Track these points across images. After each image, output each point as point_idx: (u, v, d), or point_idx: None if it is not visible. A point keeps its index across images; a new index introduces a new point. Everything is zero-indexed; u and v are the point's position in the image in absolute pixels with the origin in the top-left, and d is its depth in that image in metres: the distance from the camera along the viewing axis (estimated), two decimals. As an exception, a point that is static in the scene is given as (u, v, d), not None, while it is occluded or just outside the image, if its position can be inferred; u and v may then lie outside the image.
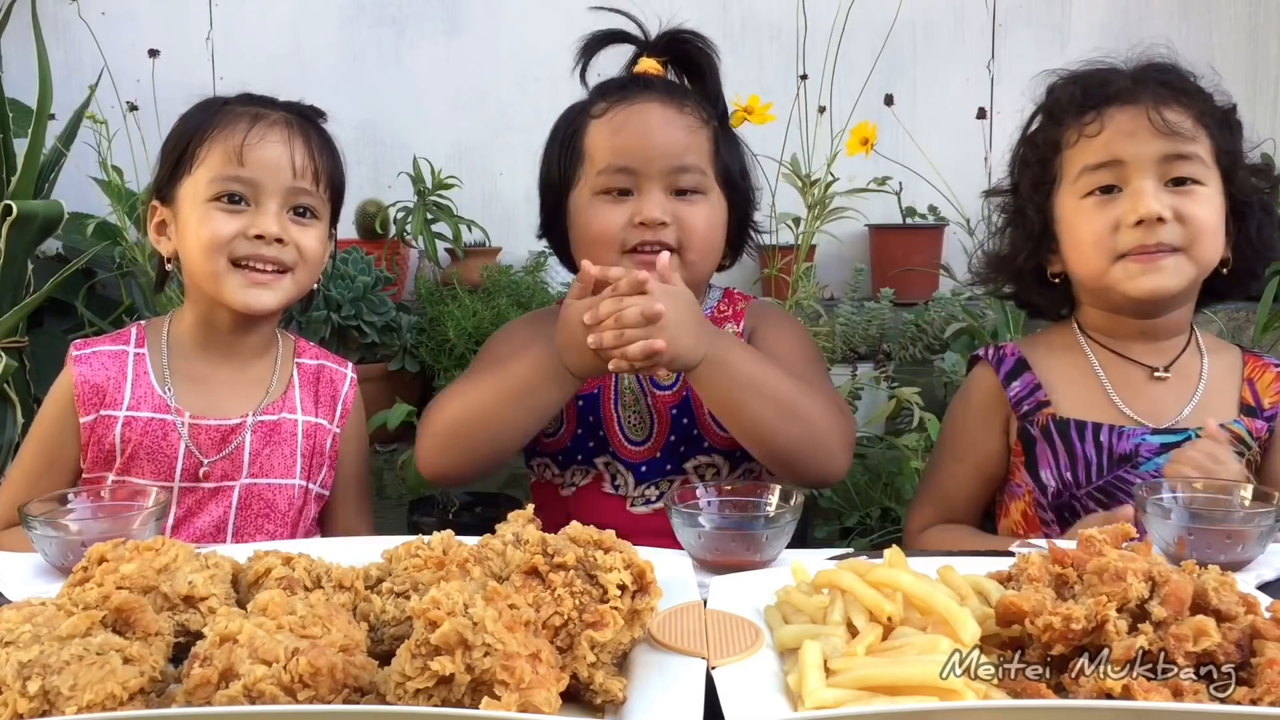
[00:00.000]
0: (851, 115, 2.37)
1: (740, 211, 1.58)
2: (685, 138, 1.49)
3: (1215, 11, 3.16)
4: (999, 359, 1.52)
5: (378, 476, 2.67)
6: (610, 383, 1.55)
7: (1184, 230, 1.36)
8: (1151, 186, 1.35)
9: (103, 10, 3.15)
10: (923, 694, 0.74)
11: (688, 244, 1.48)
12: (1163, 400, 1.44)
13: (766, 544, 1.11)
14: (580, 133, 1.54)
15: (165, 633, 0.86)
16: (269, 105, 1.54)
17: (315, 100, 1.63)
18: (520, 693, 0.71)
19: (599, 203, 1.50)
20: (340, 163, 1.59)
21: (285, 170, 1.48)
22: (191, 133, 1.50)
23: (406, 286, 3.05)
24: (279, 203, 1.48)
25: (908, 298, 2.89)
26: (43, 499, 1.18)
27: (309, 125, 1.55)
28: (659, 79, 1.56)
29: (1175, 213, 1.35)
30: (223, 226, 1.46)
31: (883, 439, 2.50)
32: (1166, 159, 1.36)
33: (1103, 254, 1.39)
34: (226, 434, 1.51)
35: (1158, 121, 1.35)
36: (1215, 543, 1.09)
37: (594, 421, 1.55)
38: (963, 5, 3.23)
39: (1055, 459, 1.45)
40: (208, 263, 1.46)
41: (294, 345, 1.64)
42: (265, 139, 1.48)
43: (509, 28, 3.23)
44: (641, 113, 1.49)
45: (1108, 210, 1.38)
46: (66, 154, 2.75)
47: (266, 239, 1.46)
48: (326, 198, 1.55)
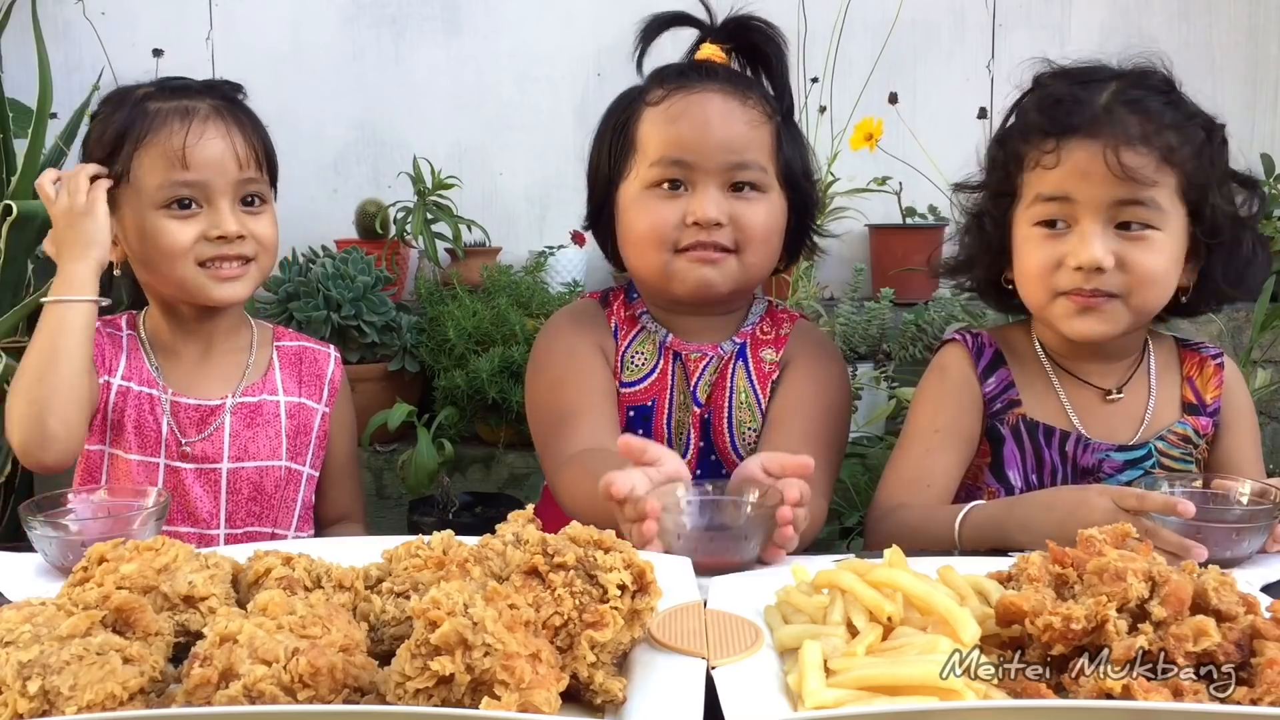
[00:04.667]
0: (852, 115, 2.38)
1: (800, 213, 1.50)
2: (747, 131, 1.41)
3: (1215, 11, 3.16)
4: (977, 349, 1.47)
5: (378, 476, 2.67)
6: (665, 397, 1.49)
7: (1125, 278, 1.32)
8: (1099, 230, 1.31)
9: (103, 10, 3.15)
10: (923, 694, 0.74)
11: (744, 245, 1.41)
12: (1117, 421, 1.43)
13: (748, 544, 1.11)
14: (633, 121, 1.45)
15: (165, 633, 0.86)
16: (191, 93, 1.49)
17: (315, 100, 1.64)
18: (520, 693, 0.71)
19: (649, 197, 1.42)
20: (265, 130, 1.55)
21: (231, 165, 1.46)
22: (116, 137, 1.46)
23: (406, 286, 3.05)
24: (230, 199, 1.47)
25: (908, 298, 2.89)
26: (43, 499, 1.18)
27: (237, 108, 1.52)
28: (722, 67, 1.47)
29: (1119, 260, 1.31)
30: (180, 235, 1.45)
31: (882, 439, 2.50)
32: (1119, 204, 1.31)
33: (1043, 288, 1.36)
34: (206, 415, 1.52)
35: (1114, 165, 1.29)
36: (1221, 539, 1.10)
37: (642, 434, 1.46)
38: (963, 5, 3.23)
39: (1023, 460, 1.43)
40: (174, 271, 1.46)
41: (272, 331, 1.64)
42: (205, 137, 1.45)
43: (509, 28, 3.23)
44: (701, 102, 1.41)
45: (1053, 245, 1.34)
46: (67, 153, 2.75)
47: (228, 238, 1.46)
48: (269, 177, 1.54)
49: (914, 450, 1.45)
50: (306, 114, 3.09)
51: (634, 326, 1.53)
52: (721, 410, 1.48)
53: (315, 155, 3.15)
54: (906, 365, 2.69)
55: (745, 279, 1.44)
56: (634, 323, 1.53)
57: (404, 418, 2.42)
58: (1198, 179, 1.33)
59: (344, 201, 3.13)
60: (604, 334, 1.52)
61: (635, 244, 1.45)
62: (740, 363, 1.51)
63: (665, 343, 1.50)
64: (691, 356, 1.50)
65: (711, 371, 1.50)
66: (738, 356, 1.50)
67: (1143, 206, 1.31)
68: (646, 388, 1.49)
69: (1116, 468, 1.40)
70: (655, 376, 1.49)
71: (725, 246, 1.40)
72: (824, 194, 2.37)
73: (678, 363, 1.50)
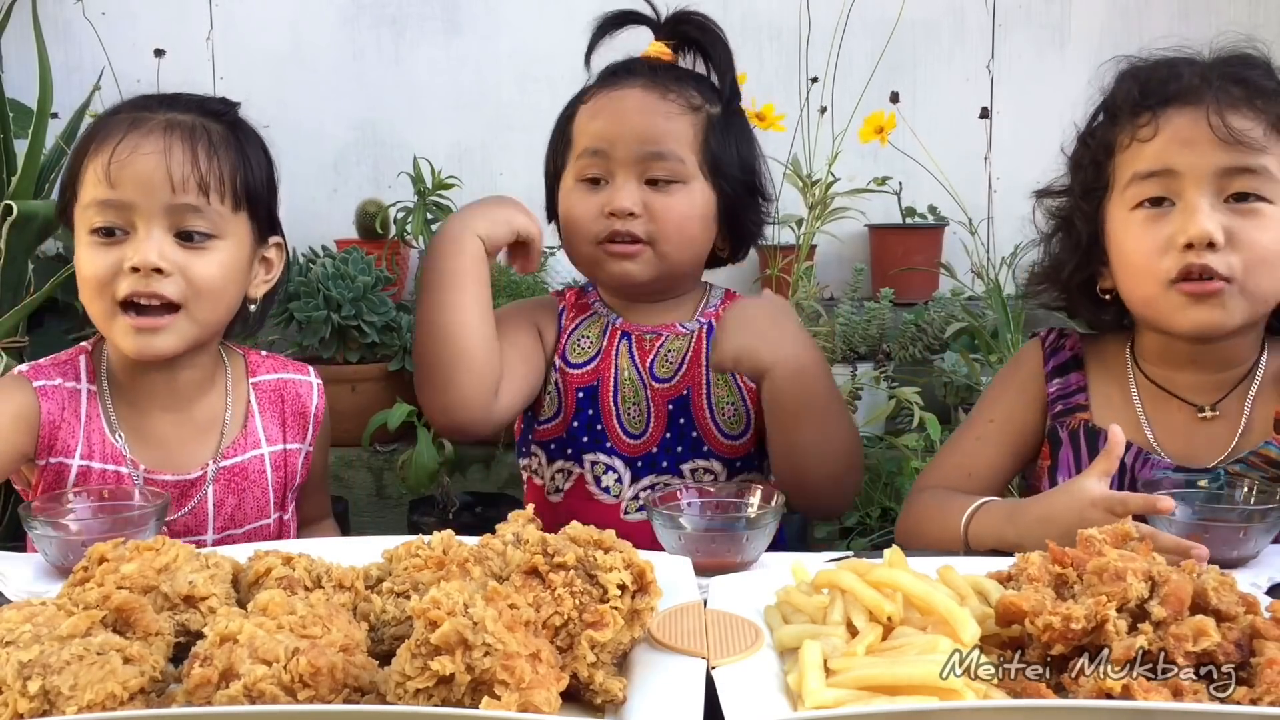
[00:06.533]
0: (853, 115, 2.38)
1: (734, 202, 1.51)
2: (662, 123, 1.44)
3: (1215, 11, 3.16)
4: (1054, 348, 1.40)
5: (378, 476, 2.68)
6: (610, 375, 1.52)
7: (1238, 258, 1.18)
8: (1206, 203, 1.19)
9: (103, 10, 3.15)
10: (923, 694, 0.74)
11: (659, 236, 1.44)
12: (1201, 443, 1.29)
13: (748, 545, 1.11)
14: (571, 118, 1.52)
15: (165, 633, 0.86)
16: (158, 105, 1.31)
17: (315, 100, 1.61)
18: (520, 693, 0.71)
19: (576, 191, 1.47)
20: (254, 158, 1.35)
21: (161, 185, 1.23)
22: (79, 148, 1.29)
23: (406, 286, 3.05)
24: (161, 226, 1.24)
25: (907, 298, 2.89)
26: (43, 499, 1.18)
27: (205, 125, 1.30)
28: (648, 63, 1.51)
29: (1230, 236, 1.18)
30: (99, 263, 1.24)
31: (883, 439, 2.50)
32: (1227, 172, 1.19)
33: (1151, 278, 1.23)
34: (186, 489, 1.33)
35: (1219, 128, 1.18)
36: (1228, 538, 1.09)
37: (592, 415, 1.52)
38: (963, 5, 3.23)
39: (1078, 467, 1.32)
40: (93, 306, 1.27)
41: (244, 363, 1.43)
42: (137, 151, 1.24)
43: (509, 28, 3.23)
44: (620, 98, 1.46)
45: (1157, 227, 1.22)
46: (68, 153, 2.75)
47: (143, 271, 1.22)
48: (232, 209, 1.30)
49: (967, 436, 1.43)
50: (306, 114, 3.09)
51: (584, 312, 1.56)
52: (700, 387, 1.50)
53: (315, 155, 3.16)
54: (906, 365, 2.70)
55: (664, 268, 1.46)
56: (585, 309, 1.57)
57: (404, 418, 2.43)
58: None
59: (344, 201, 3.13)
60: (545, 316, 1.56)
61: (567, 237, 1.51)
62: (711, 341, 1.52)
63: (615, 324, 1.54)
64: (646, 336, 1.52)
65: (676, 350, 1.51)
66: (708, 335, 1.52)
67: (1254, 175, 1.19)
68: (592, 369, 1.51)
69: (1175, 485, 1.23)
70: (600, 359, 1.52)
71: (640, 237, 1.43)
72: (824, 194, 2.37)
73: (624, 341, 1.52)
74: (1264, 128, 1.20)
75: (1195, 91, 1.22)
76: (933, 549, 1.20)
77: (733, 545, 1.11)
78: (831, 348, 2.60)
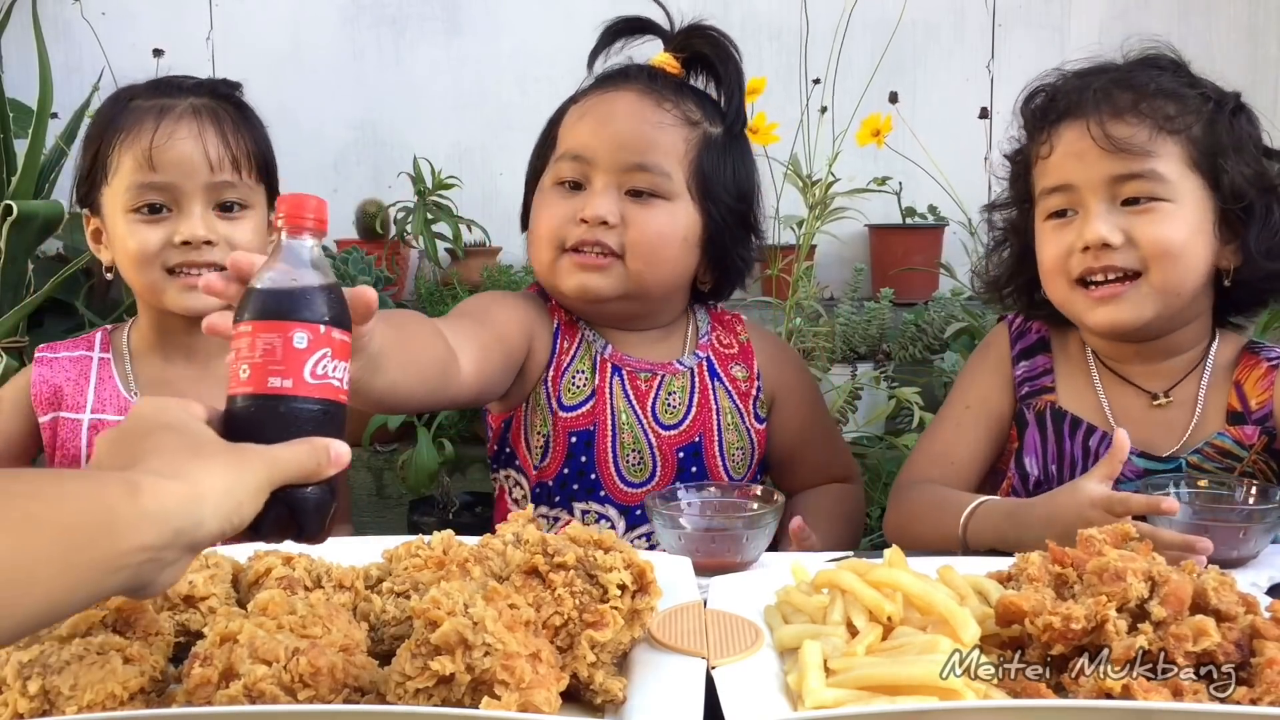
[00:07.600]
0: (853, 116, 2.37)
1: (722, 231, 1.41)
2: (651, 133, 1.35)
3: (1214, 11, 3.16)
4: (1021, 331, 1.44)
5: (378, 476, 2.67)
6: (606, 419, 1.41)
7: (1138, 254, 1.26)
8: (1103, 209, 1.26)
9: (103, 10, 3.15)
10: (923, 694, 0.74)
11: (632, 251, 1.34)
12: (1158, 430, 1.34)
13: (748, 545, 1.11)
14: (560, 120, 1.44)
15: (165, 633, 0.86)
16: (176, 91, 1.44)
17: (315, 100, 1.62)
18: (520, 693, 0.71)
19: (552, 193, 1.38)
20: (263, 134, 1.49)
21: (201, 167, 1.39)
22: (100, 135, 1.43)
23: (407, 286, 3.05)
24: (201, 202, 1.40)
25: (907, 298, 2.89)
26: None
27: (221, 107, 1.45)
28: (646, 69, 1.42)
29: (1128, 235, 1.25)
30: (148, 238, 1.39)
31: (882, 439, 2.49)
32: (1117, 179, 1.26)
33: (1061, 281, 1.31)
34: None
35: (1101, 139, 1.25)
36: (1227, 539, 1.10)
37: (586, 462, 1.40)
38: (963, 5, 3.23)
39: (1044, 448, 1.38)
40: (142, 276, 1.41)
41: None
42: (174, 136, 1.39)
43: (509, 28, 3.23)
44: (611, 100, 1.38)
45: (1063, 234, 1.30)
46: (68, 153, 2.75)
47: (194, 244, 1.39)
48: (256, 180, 1.46)
49: (945, 425, 1.45)
50: (306, 114, 3.09)
51: (574, 336, 1.45)
52: (711, 433, 1.43)
53: (315, 155, 3.15)
54: (906, 365, 2.70)
55: (631, 287, 1.36)
56: (574, 330, 1.45)
57: (404, 418, 2.42)
58: (1207, 146, 1.27)
59: (344, 201, 3.13)
60: (542, 325, 1.43)
61: (533, 239, 1.42)
62: (716, 382, 1.46)
63: (604, 354, 1.44)
64: (640, 375, 1.43)
65: (679, 391, 1.43)
66: (711, 376, 1.46)
67: (1143, 179, 1.26)
68: (586, 412, 1.41)
69: (1136, 473, 1.31)
70: (594, 400, 1.42)
71: (612, 250, 1.34)
72: (824, 194, 2.37)
73: (617, 379, 1.43)
74: (1149, 131, 1.26)
75: (1079, 106, 1.29)
76: (928, 547, 1.20)
77: (733, 545, 1.11)
78: (831, 348, 2.60)
